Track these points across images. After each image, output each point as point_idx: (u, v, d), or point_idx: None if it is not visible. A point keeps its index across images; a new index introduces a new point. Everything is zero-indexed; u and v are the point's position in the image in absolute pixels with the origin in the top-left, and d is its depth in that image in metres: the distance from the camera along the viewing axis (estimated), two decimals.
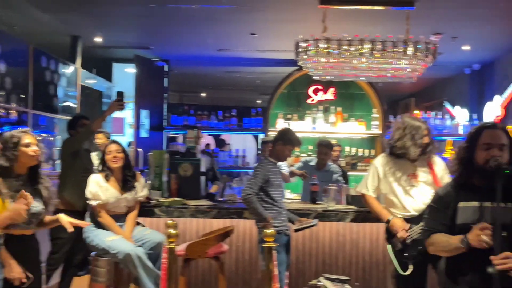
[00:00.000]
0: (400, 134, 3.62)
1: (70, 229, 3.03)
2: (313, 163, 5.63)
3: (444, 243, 2.40)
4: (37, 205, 3.00)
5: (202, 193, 4.92)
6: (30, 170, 3.05)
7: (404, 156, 3.61)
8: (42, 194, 3.07)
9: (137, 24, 6.08)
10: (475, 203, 2.31)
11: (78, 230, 4.39)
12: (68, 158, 4.46)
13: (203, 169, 4.95)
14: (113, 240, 3.92)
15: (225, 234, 3.92)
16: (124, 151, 4.15)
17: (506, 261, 2.13)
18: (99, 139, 5.31)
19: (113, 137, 5.57)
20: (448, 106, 8.71)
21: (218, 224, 4.59)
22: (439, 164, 3.71)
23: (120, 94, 4.33)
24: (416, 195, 3.59)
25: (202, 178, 4.95)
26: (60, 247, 4.38)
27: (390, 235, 3.66)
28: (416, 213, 3.57)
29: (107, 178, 4.05)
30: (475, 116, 7.63)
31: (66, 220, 3.04)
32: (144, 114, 7.62)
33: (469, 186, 2.39)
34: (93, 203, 3.98)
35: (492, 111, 7.20)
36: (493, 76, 7.59)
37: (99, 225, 4.03)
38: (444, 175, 3.65)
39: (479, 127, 2.47)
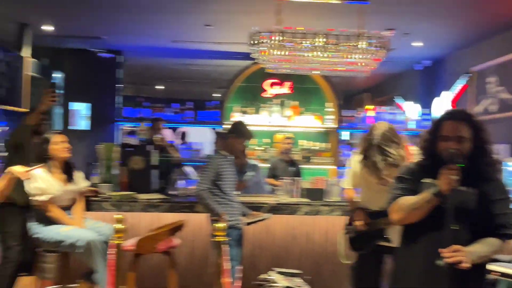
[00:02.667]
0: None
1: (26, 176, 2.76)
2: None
3: (412, 200, 2.28)
4: None
5: (154, 187, 4.79)
6: None
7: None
8: None
9: (89, 13, 5.82)
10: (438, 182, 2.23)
11: (25, 227, 4.19)
12: (11, 151, 4.21)
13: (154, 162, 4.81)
14: (69, 230, 3.74)
15: (176, 228, 3.79)
16: (68, 141, 3.96)
17: (455, 254, 2.09)
18: None
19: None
20: (399, 101, 8.83)
21: (170, 218, 4.46)
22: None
23: (52, 85, 4.09)
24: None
25: (154, 172, 4.81)
26: (10, 241, 4.14)
27: (350, 222, 3.67)
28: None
29: (50, 170, 3.84)
30: (425, 111, 7.77)
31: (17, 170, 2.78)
32: (83, 106, 7.78)
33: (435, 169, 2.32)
34: (42, 198, 3.73)
35: (441, 106, 7.33)
36: (444, 72, 7.73)
37: (46, 223, 3.80)
38: None
39: (440, 119, 2.41)
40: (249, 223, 4.03)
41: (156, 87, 11.60)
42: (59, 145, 3.88)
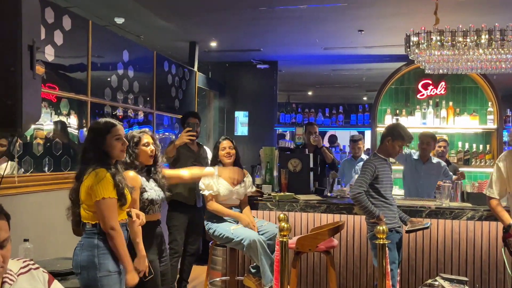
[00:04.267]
0: None
1: (137, 222, 2.91)
2: (415, 156, 5.29)
3: None
4: (160, 192, 3.28)
5: (311, 188, 4.84)
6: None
7: None
8: (160, 183, 3.33)
9: (248, 28, 6.13)
10: None
11: (189, 220, 4.53)
12: (171, 164, 4.49)
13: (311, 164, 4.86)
14: (237, 228, 3.98)
15: (336, 229, 3.78)
16: (235, 147, 4.19)
17: None
18: None
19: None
20: None
21: (327, 218, 4.48)
22: None
23: (191, 125, 4.32)
24: None
25: (311, 174, 4.86)
26: (176, 235, 4.50)
27: (506, 235, 3.37)
28: None
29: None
30: None
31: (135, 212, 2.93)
32: (242, 114, 8.30)
33: None
34: (205, 193, 4.06)
35: None
36: None
37: (218, 219, 4.09)
38: None
39: None
40: (409, 231, 3.84)
41: (307, 93, 11.77)
42: (224, 151, 4.14)
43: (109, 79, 4.68)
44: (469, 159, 6.73)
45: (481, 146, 6.79)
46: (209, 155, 4.89)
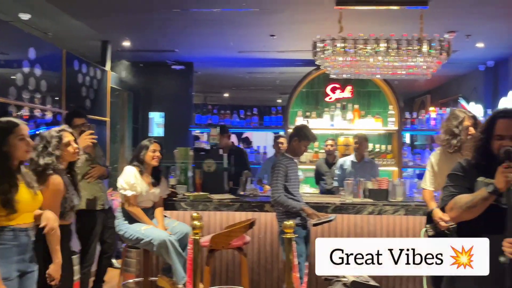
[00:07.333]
0: (445, 128, 3.61)
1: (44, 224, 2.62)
2: (352, 158, 5.77)
3: (468, 198, 2.22)
4: (77, 198, 3.13)
5: (225, 188, 4.96)
6: (69, 164, 3.15)
7: (456, 151, 3.56)
8: (77, 187, 3.19)
9: (162, 28, 6.13)
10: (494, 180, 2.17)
11: (103, 225, 4.43)
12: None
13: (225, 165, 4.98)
14: (147, 229, 3.99)
15: (248, 226, 3.92)
16: (161, 151, 4.22)
17: None
18: None
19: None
20: (463, 102, 8.56)
21: (240, 216, 4.61)
22: None
23: (91, 128, 4.19)
24: None
25: (225, 174, 4.98)
26: (90, 243, 4.38)
27: (428, 221, 3.63)
28: None
29: (141, 172, 4.11)
30: (489, 111, 7.50)
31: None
32: (157, 115, 8.27)
33: (489, 167, 2.27)
34: (128, 193, 4.01)
35: (507, 105, 7.05)
36: (508, 72, 7.43)
37: (129, 220, 4.09)
38: None
39: (492, 117, 2.37)
40: (315, 224, 4.09)
41: (223, 94, 11.92)
42: (154, 153, 4.15)
43: (13, 77, 4.48)
44: (373, 159, 7.21)
45: (383, 147, 7.32)
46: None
